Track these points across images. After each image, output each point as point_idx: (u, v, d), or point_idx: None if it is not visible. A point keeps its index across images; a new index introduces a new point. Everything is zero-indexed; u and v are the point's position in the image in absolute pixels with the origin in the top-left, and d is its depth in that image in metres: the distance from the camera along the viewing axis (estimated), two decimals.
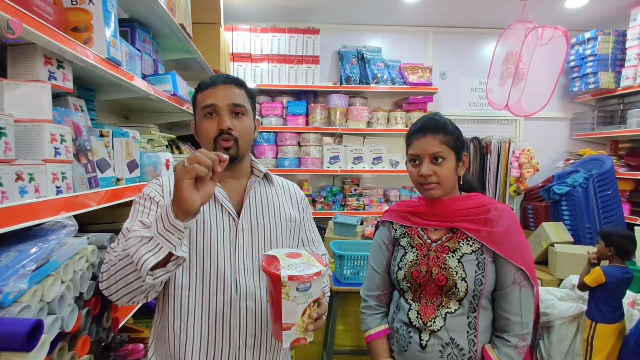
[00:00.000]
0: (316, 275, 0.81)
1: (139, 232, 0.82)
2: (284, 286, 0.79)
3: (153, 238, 0.80)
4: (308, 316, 0.84)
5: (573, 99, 3.95)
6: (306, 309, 0.83)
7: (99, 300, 0.97)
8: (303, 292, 0.81)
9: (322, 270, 0.82)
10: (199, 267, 0.99)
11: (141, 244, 0.81)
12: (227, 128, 1.02)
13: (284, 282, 0.79)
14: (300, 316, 0.83)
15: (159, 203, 1.00)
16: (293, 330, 0.83)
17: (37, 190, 0.87)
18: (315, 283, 0.82)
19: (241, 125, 1.05)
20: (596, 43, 3.48)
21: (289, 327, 0.83)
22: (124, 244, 0.87)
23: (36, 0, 0.93)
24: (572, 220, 3.22)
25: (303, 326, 0.84)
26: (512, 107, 3.36)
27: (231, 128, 1.03)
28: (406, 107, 3.59)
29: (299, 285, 0.80)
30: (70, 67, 1.04)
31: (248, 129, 1.07)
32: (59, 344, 0.80)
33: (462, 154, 1.19)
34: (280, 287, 0.80)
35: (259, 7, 3.39)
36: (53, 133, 0.92)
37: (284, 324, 0.82)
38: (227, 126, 1.02)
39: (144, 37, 1.76)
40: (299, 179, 3.73)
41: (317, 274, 0.81)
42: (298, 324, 0.83)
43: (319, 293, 0.85)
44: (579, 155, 3.75)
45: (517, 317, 1.09)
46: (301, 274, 0.79)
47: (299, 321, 0.83)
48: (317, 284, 0.83)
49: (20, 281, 0.67)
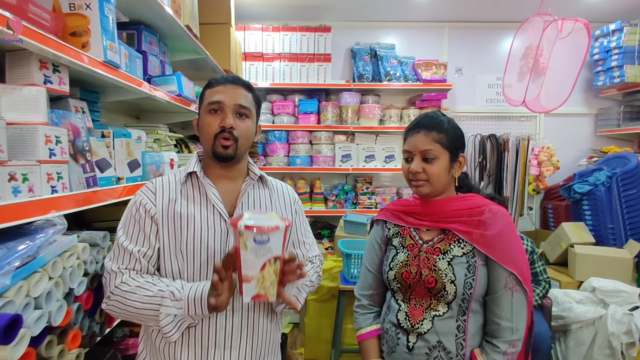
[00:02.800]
0: (274, 229, 0.84)
1: (169, 308, 0.94)
2: (241, 235, 0.83)
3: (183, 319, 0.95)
4: (269, 273, 0.87)
5: (597, 93, 3.78)
6: (265, 263, 0.86)
7: (91, 295, 1.01)
8: (260, 244, 0.84)
9: (281, 226, 0.84)
10: (189, 267, 1.01)
11: (169, 321, 0.94)
12: (229, 126, 1.04)
13: (241, 231, 0.83)
14: (259, 270, 0.86)
15: (154, 217, 1.02)
16: (253, 284, 0.86)
17: (31, 189, 0.90)
18: (274, 238, 0.85)
19: (243, 126, 1.07)
20: (621, 35, 3.32)
21: (248, 279, 0.86)
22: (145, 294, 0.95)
23: (32, 8, 0.97)
24: (594, 220, 3.09)
25: (263, 282, 0.86)
26: (530, 104, 3.25)
27: (233, 127, 1.04)
28: (419, 104, 3.54)
29: (255, 237, 0.83)
30: (66, 71, 1.08)
31: (249, 131, 1.09)
32: (47, 338, 0.83)
33: (458, 154, 1.16)
34: (239, 237, 0.83)
35: (271, 7, 3.40)
36: (48, 135, 0.96)
37: (244, 276, 0.86)
38: (230, 124, 1.04)
39: (150, 39, 1.80)
40: (311, 177, 3.74)
41: (275, 228, 0.84)
42: (257, 277, 0.86)
43: (280, 251, 0.87)
44: (603, 152, 3.59)
45: (507, 323, 1.06)
46: (257, 224, 0.83)
47: (258, 275, 0.86)
48: (276, 240, 0.85)
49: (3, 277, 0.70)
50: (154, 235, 1.01)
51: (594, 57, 3.60)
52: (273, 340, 1.12)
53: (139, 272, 0.99)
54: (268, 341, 1.09)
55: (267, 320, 1.08)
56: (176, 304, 0.94)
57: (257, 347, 1.05)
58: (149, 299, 0.94)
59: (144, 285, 0.96)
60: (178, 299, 0.94)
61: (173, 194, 1.05)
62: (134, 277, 0.98)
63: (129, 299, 0.95)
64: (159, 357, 1.01)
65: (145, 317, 0.96)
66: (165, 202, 1.04)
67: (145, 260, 1.00)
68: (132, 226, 1.02)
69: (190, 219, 1.02)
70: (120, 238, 1.01)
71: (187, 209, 1.03)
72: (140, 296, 0.94)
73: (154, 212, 1.02)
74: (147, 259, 1.00)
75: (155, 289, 0.95)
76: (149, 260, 1.01)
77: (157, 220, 1.02)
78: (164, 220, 1.02)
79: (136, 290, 0.95)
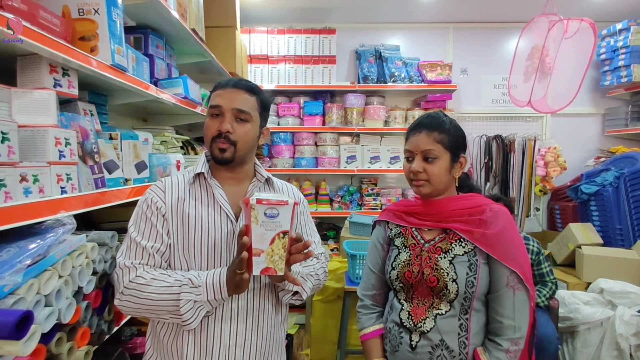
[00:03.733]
0: (284, 204, 0.90)
1: (189, 294, 0.95)
2: (253, 209, 0.90)
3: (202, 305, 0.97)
4: (278, 247, 0.91)
5: (604, 93, 3.76)
6: (275, 237, 0.91)
7: (100, 294, 1.03)
8: (270, 218, 0.90)
9: (290, 202, 0.91)
10: (196, 266, 1.03)
11: (189, 307, 0.96)
12: (225, 131, 1.05)
13: (253, 205, 0.89)
14: (269, 244, 0.91)
15: (165, 215, 1.04)
16: (262, 257, 0.91)
17: (42, 190, 0.93)
18: (283, 212, 0.91)
19: (241, 130, 1.07)
20: (628, 34, 3.29)
21: (258, 253, 0.91)
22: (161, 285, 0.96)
23: (42, 13, 0.99)
24: (602, 221, 3.07)
25: (272, 255, 0.91)
26: (536, 104, 3.24)
27: (230, 131, 1.05)
28: (424, 105, 3.54)
29: (266, 210, 0.90)
30: (75, 75, 1.10)
31: (248, 135, 1.09)
32: (57, 335, 0.85)
33: (459, 155, 1.17)
34: (250, 211, 0.90)
35: (276, 9, 3.43)
36: (57, 137, 0.98)
37: (254, 249, 0.90)
38: (226, 129, 1.05)
39: (157, 42, 1.83)
40: (317, 179, 3.75)
41: (285, 202, 0.90)
42: (267, 251, 0.91)
43: (288, 226, 0.92)
44: (611, 152, 3.56)
45: (510, 321, 1.06)
46: (268, 198, 0.90)
47: (268, 249, 0.91)
48: (285, 215, 0.91)
49: (15, 275, 0.72)
50: (166, 232, 1.03)
51: (600, 57, 3.57)
52: (277, 338, 1.13)
53: (152, 267, 1.01)
54: (273, 339, 1.10)
55: (272, 318, 1.09)
56: (195, 290, 0.95)
57: (262, 345, 1.06)
58: (165, 289, 0.95)
59: (160, 277, 0.97)
60: (197, 285, 0.96)
61: (182, 193, 1.07)
62: (148, 270, 0.99)
63: (145, 292, 0.95)
64: (166, 354, 1.03)
65: (161, 309, 0.96)
66: (174, 200, 1.05)
67: (159, 256, 1.02)
68: (144, 223, 1.03)
69: (198, 219, 1.04)
70: (132, 234, 1.02)
71: (195, 209, 1.05)
72: (157, 287, 0.95)
73: (164, 210, 1.04)
74: (160, 255, 1.02)
75: (172, 279, 0.97)
76: (162, 256, 1.02)
77: (167, 218, 1.04)
78: (173, 219, 1.04)
79: (152, 283, 0.96)
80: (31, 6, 0.93)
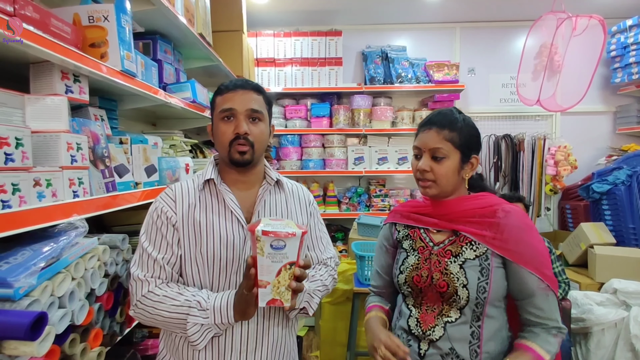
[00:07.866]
0: (291, 235, 0.86)
1: (196, 317, 0.97)
2: (259, 241, 0.85)
3: (210, 328, 0.98)
4: (284, 278, 0.88)
5: (615, 90, 3.70)
6: (281, 269, 0.87)
7: (112, 296, 1.04)
8: (277, 250, 0.86)
9: (297, 233, 0.86)
10: (208, 272, 1.04)
11: (196, 330, 0.97)
12: (243, 133, 1.05)
13: (258, 237, 0.85)
14: (275, 275, 0.87)
15: (175, 225, 1.04)
16: (268, 289, 0.88)
17: (55, 194, 0.95)
18: (290, 244, 0.87)
19: (257, 131, 1.08)
20: (639, 31, 3.24)
21: (264, 285, 0.88)
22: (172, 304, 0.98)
23: (54, 21, 1.02)
24: (614, 220, 3.02)
25: (278, 287, 0.88)
26: (546, 102, 3.21)
27: (248, 133, 1.05)
28: (432, 105, 3.52)
29: (272, 242, 0.86)
30: (86, 81, 1.12)
31: (264, 134, 1.10)
32: (70, 336, 0.87)
33: (470, 155, 1.10)
34: (256, 242, 0.86)
35: (282, 13, 3.45)
36: (69, 142, 1.00)
37: (260, 281, 0.87)
38: (244, 131, 1.05)
39: (165, 47, 1.85)
40: (324, 181, 3.76)
41: (292, 234, 0.86)
42: (273, 283, 0.88)
43: (295, 257, 0.88)
44: (623, 150, 3.51)
45: (555, 323, 1.02)
46: (274, 230, 0.85)
47: (274, 280, 0.88)
48: (292, 246, 0.87)
49: (30, 277, 0.74)
50: (176, 242, 1.04)
51: (610, 54, 3.52)
52: (288, 345, 1.13)
53: (164, 280, 1.02)
54: (283, 347, 1.11)
55: (281, 327, 1.10)
56: (202, 313, 0.96)
57: (273, 352, 1.07)
58: (175, 309, 0.97)
59: (171, 294, 0.99)
60: (204, 309, 0.96)
61: (192, 200, 1.07)
62: (160, 286, 1.00)
63: (157, 308, 0.98)
64: (180, 356, 1.04)
65: (173, 326, 0.99)
66: (185, 209, 1.05)
67: (170, 267, 1.03)
68: (155, 233, 1.04)
69: (210, 226, 1.04)
70: (144, 244, 1.04)
71: (206, 215, 1.05)
72: (168, 306, 0.97)
73: (174, 220, 1.04)
74: (170, 266, 1.03)
75: (182, 298, 0.98)
76: (172, 267, 1.03)
77: (178, 228, 1.04)
78: (184, 228, 1.04)
79: (164, 300, 0.98)
80: (43, 15, 0.95)
